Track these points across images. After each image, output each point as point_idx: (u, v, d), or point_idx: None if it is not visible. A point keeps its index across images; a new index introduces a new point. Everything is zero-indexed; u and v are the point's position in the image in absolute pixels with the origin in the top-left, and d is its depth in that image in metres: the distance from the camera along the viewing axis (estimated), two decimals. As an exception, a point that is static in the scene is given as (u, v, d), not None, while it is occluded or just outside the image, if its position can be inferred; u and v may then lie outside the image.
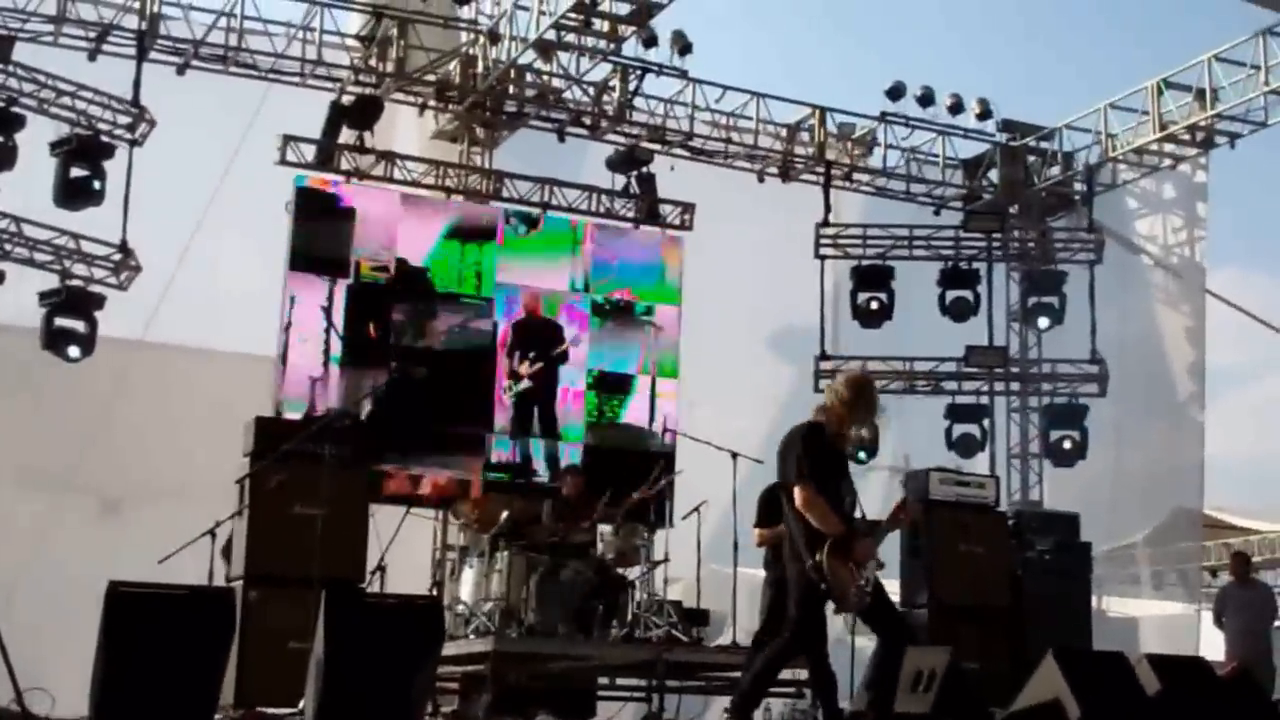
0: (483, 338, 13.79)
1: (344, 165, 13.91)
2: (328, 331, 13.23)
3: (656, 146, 15.33)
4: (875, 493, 13.21)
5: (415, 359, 13.26)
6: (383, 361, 13.23)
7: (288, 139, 13.62)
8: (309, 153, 13.75)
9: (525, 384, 13.82)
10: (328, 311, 13.25)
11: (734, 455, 10.31)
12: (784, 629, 7.21)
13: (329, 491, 9.14)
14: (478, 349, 13.74)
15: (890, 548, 11.21)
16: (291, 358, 13.04)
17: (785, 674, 9.47)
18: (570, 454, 13.56)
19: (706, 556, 10.88)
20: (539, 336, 14.01)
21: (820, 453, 7.14)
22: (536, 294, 14.08)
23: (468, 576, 10.85)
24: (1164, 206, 16.72)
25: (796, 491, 7.01)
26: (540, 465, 13.66)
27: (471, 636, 9.98)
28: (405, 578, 10.61)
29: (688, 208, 15.14)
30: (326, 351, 13.19)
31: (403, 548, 9.72)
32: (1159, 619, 17.19)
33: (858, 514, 7.25)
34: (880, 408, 8.09)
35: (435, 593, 11.82)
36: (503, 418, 13.69)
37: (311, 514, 8.89)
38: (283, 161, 13.62)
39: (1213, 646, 13.80)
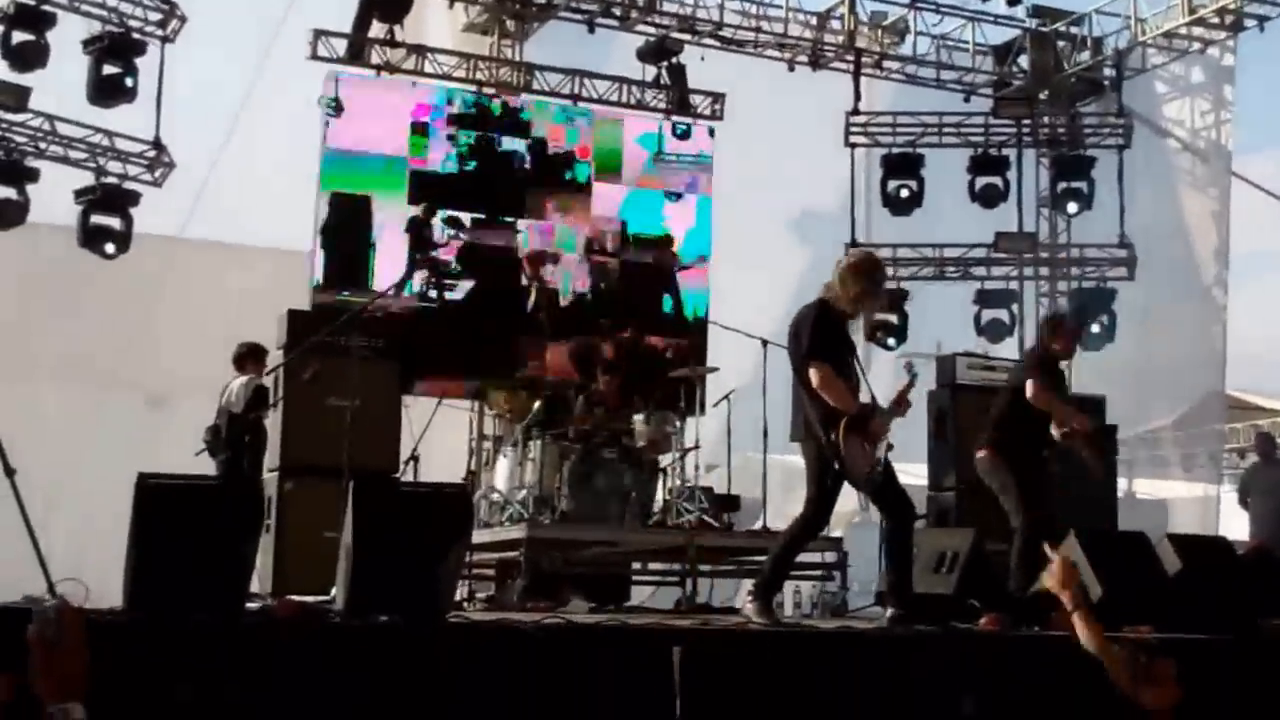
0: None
1: (374, 59, 13.94)
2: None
3: (686, 37, 15.30)
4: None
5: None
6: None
7: (318, 33, 13.66)
8: (340, 47, 13.80)
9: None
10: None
11: (764, 343, 10.38)
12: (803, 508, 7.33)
13: (361, 383, 9.22)
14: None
15: (918, 432, 11.45)
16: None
17: (814, 557, 9.79)
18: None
19: (738, 443, 11.04)
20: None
21: (830, 331, 7.21)
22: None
23: (502, 465, 11.06)
24: (1192, 90, 16.61)
25: (811, 371, 7.07)
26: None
27: (506, 524, 10.18)
28: (441, 468, 10.84)
29: (718, 98, 15.15)
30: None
31: (438, 438, 9.90)
32: (1189, 501, 17.32)
33: (864, 396, 7.34)
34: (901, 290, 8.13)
35: (470, 482, 12.01)
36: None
37: (344, 405, 8.98)
38: (314, 56, 13.67)
39: (1236, 526, 13.92)
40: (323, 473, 9.21)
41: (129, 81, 13.04)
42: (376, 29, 13.97)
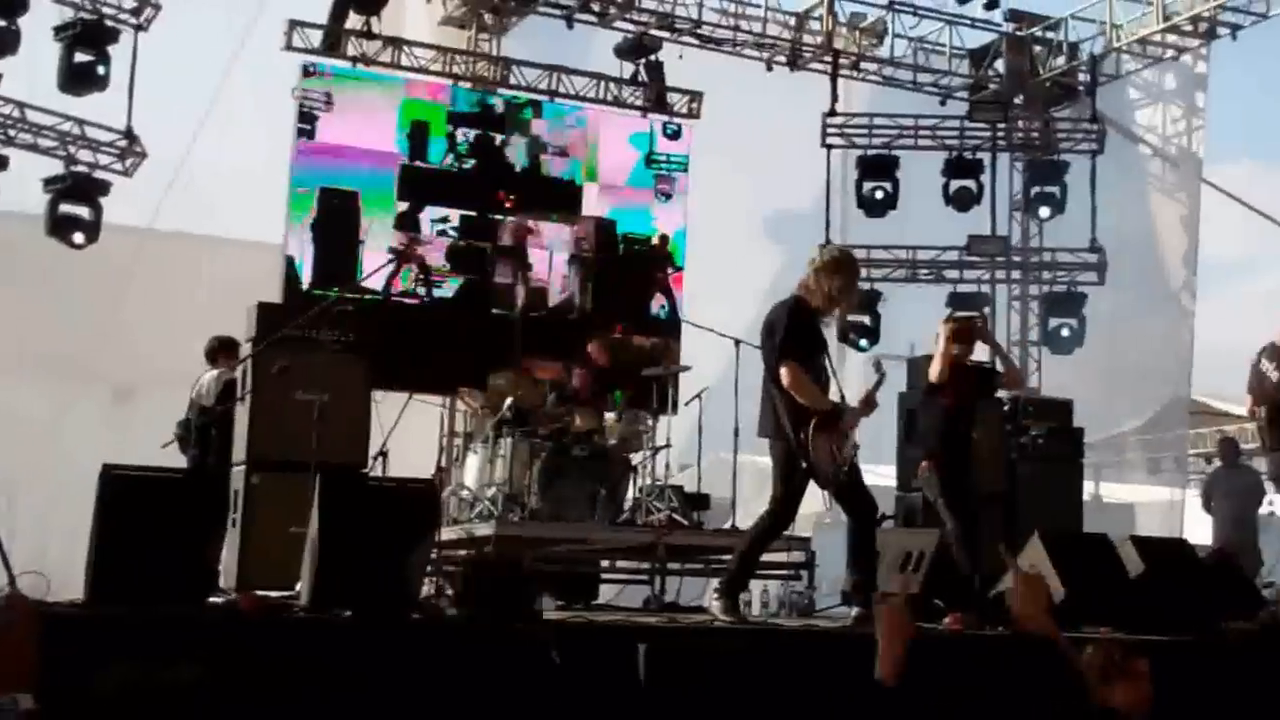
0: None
1: (350, 51, 13.90)
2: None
3: (665, 34, 15.30)
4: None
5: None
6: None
7: (294, 24, 13.61)
8: (315, 38, 13.76)
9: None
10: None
11: (737, 342, 10.36)
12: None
13: (331, 377, 9.17)
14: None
15: (888, 433, 11.47)
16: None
17: (782, 557, 9.80)
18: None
19: (710, 443, 11.04)
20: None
21: (803, 329, 7.23)
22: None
23: (472, 462, 11.03)
24: (1164, 97, 16.71)
25: (783, 369, 7.09)
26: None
27: (475, 521, 10.17)
28: (410, 464, 10.77)
29: (695, 96, 15.17)
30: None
31: (408, 434, 9.84)
32: (1154, 504, 17.42)
33: (834, 395, 7.36)
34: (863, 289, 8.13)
35: (439, 478, 11.98)
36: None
37: (312, 399, 8.94)
38: (289, 47, 13.62)
39: (1200, 531, 14.01)
40: (290, 467, 9.10)
41: (101, 69, 12.96)
42: (353, 20, 13.94)
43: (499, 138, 14.24)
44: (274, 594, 7.01)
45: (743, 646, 6.46)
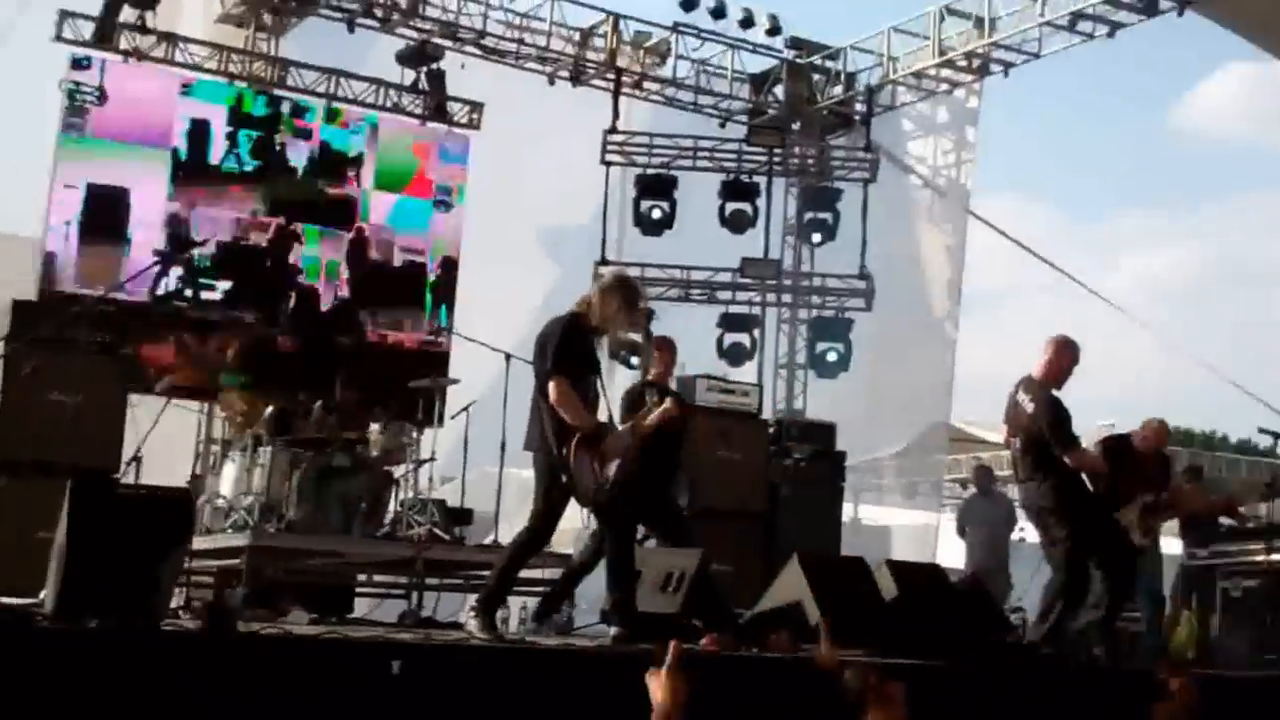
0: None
1: (123, 44, 13.47)
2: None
3: (448, 43, 15.19)
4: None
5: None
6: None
7: (65, 14, 13.17)
8: (87, 30, 13.31)
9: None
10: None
11: (508, 356, 10.30)
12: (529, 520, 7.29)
13: (86, 378, 8.93)
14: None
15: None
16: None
17: (541, 574, 9.74)
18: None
19: (475, 457, 10.94)
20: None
21: (577, 346, 7.21)
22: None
23: (229, 471, 10.72)
24: (936, 129, 17.19)
25: (551, 385, 7.06)
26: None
27: (229, 531, 9.88)
28: (165, 470, 10.47)
29: (476, 107, 15.07)
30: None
31: (165, 440, 9.56)
32: (910, 528, 17.89)
33: (602, 415, 7.37)
34: (647, 310, 8.14)
35: (194, 486, 11.65)
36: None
37: (65, 401, 8.66)
38: (58, 38, 13.17)
39: (954, 554, 14.44)
40: (39, 469, 8.92)
41: None
42: (128, 13, 13.50)
43: (279, 140, 13.94)
44: (17, 601, 6.74)
45: (498, 664, 6.40)
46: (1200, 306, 70.23)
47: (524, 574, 7.78)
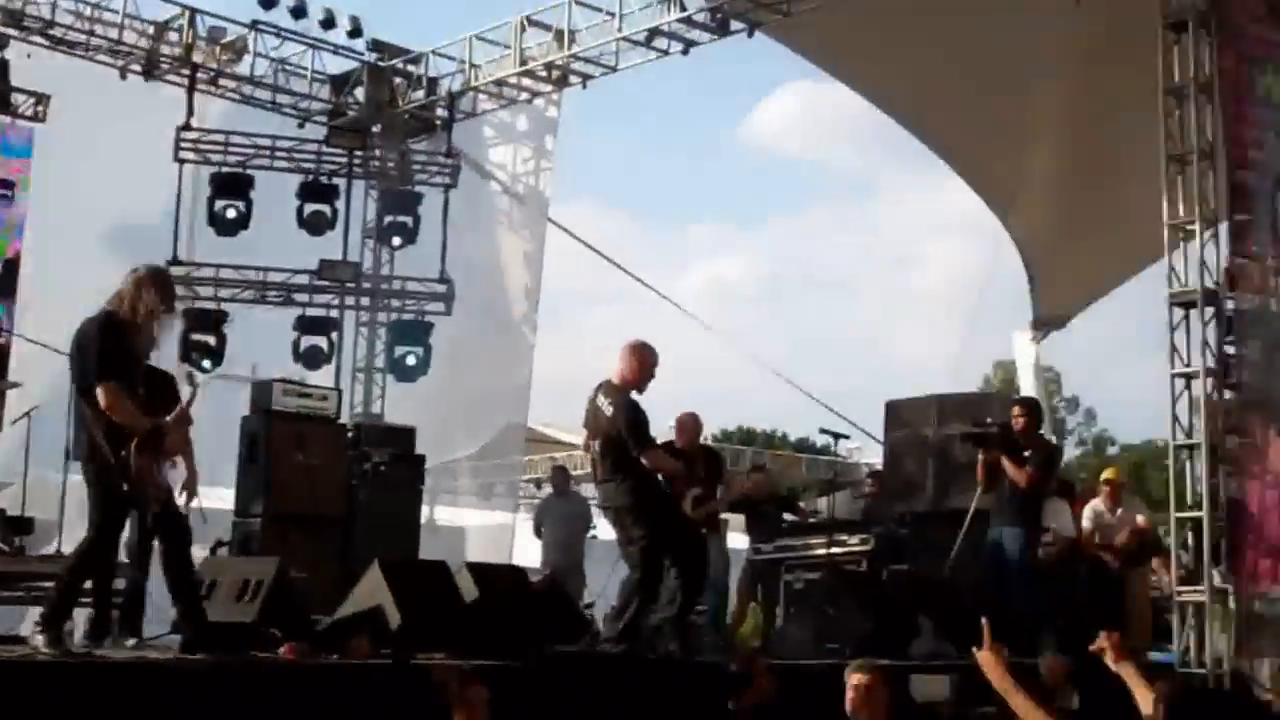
0: None
1: None
2: None
3: (13, 32, 14.40)
4: (222, 400, 13.14)
5: None
6: None
7: None
8: None
9: None
10: None
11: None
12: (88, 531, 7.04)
13: None
14: None
15: (227, 456, 11.33)
16: None
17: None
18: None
19: (37, 463, 10.48)
20: None
21: (118, 346, 7.00)
22: None
23: None
24: (517, 137, 17.43)
25: (100, 392, 6.83)
26: None
27: None
28: None
29: (42, 99, 14.41)
30: None
31: None
32: (486, 528, 18.14)
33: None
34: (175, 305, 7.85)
35: None
36: None
37: None
38: None
39: (529, 553, 14.75)
40: None
41: None
42: None
43: None
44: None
45: (65, 680, 6.20)
46: (766, 312, 73.97)
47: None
